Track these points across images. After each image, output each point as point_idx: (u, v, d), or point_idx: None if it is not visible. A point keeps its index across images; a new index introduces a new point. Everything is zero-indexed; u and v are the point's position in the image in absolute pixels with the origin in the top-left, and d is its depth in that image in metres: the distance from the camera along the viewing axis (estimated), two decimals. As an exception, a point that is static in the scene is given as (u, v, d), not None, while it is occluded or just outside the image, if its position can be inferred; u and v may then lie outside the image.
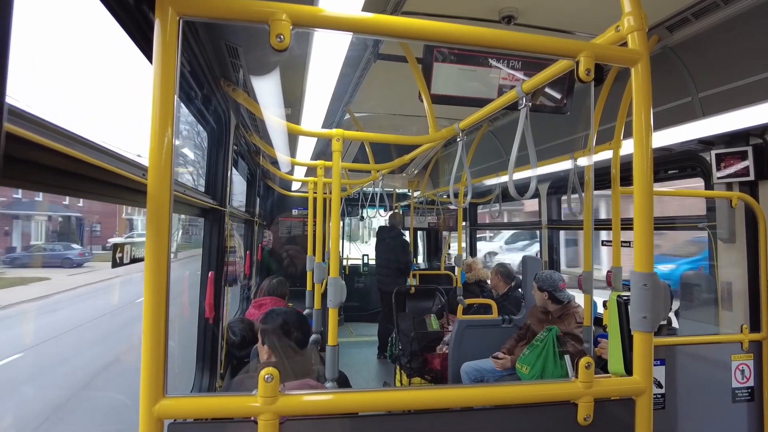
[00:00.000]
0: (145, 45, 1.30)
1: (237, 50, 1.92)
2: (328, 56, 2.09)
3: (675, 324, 3.13)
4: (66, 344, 6.63)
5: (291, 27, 0.95)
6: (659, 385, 2.22)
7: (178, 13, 0.93)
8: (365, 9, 1.66)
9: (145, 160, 1.03)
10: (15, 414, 4.53)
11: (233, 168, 2.89)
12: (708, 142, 2.68)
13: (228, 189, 2.67)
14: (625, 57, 1.12)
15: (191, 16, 0.96)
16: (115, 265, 1.28)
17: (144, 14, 1.22)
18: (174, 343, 0.96)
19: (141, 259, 1.34)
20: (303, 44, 1.92)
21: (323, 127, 3.29)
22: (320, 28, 1.01)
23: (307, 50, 1.99)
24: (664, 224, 3.45)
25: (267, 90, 2.41)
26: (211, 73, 2.05)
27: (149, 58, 1.17)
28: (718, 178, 2.62)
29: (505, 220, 13.16)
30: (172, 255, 0.95)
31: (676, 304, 3.10)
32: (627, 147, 2.61)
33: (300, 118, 3.05)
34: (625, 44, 1.15)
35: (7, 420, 4.42)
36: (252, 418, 0.97)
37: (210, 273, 2.50)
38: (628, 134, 2.62)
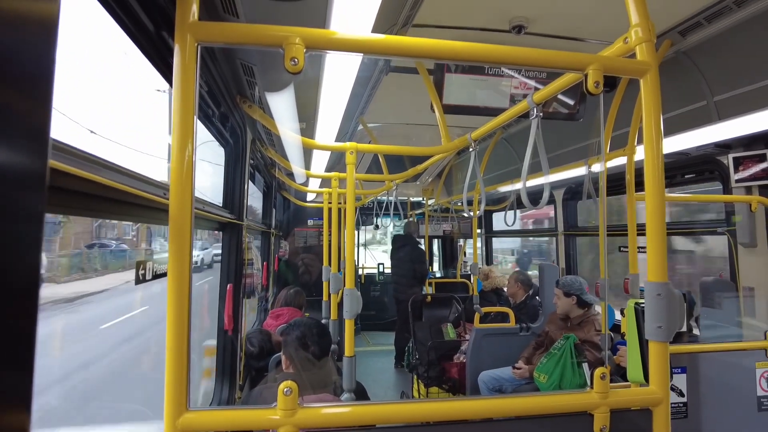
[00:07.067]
0: (165, 69, 1.34)
1: (252, 69, 1.97)
2: (341, 72, 2.13)
3: (696, 331, 3.07)
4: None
5: (305, 50, 0.98)
6: (681, 394, 2.18)
7: (197, 40, 0.97)
8: (377, 23, 1.69)
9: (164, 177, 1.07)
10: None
11: (250, 181, 2.93)
12: (725, 146, 2.65)
13: (245, 203, 2.71)
14: (634, 68, 1.13)
15: (209, 42, 1.00)
16: (138, 281, 1.32)
17: (164, 41, 1.27)
18: (194, 356, 0.99)
19: (163, 275, 1.38)
20: (316, 61, 1.96)
21: (337, 138, 3.33)
22: (333, 50, 1.04)
23: (320, 67, 2.03)
24: (682, 229, 3.40)
25: (282, 106, 2.46)
26: (228, 91, 2.11)
27: (169, 81, 1.22)
28: (737, 181, 2.59)
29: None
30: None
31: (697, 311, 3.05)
32: (641, 153, 2.59)
33: (314, 132, 3.10)
34: (633, 55, 1.16)
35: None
36: (272, 431, 1.00)
37: (228, 285, 2.54)
38: (642, 140, 2.61)
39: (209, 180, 2.84)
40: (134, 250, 11.90)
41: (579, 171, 3.45)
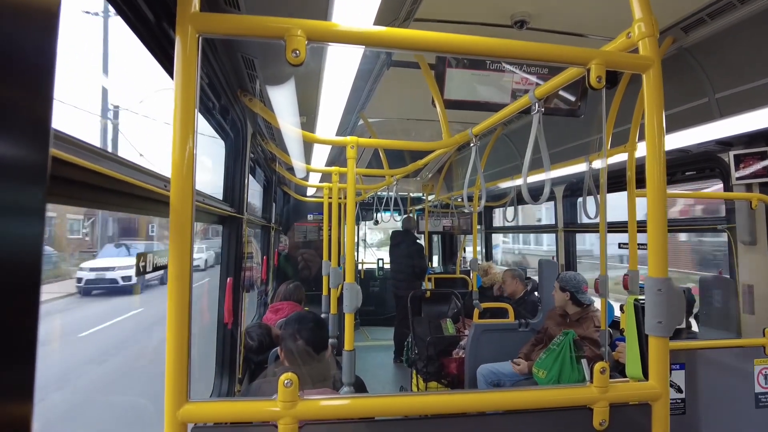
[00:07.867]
0: (166, 61, 1.34)
1: (253, 62, 1.97)
2: (342, 65, 2.13)
3: (695, 328, 3.08)
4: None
5: (306, 42, 0.97)
6: (679, 390, 2.18)
7: (198, 31, 0.97)
8: (378, 17, 1.69)
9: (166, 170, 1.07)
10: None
11: (250, 175, 2.93)
12: (726, 143, 2.65)
13: (245, 197, 2.71)
14: (637, 63, 1.13)
15: (210, 33, 0.99)
16: (138, 273, 1.33)
17: (165, 32, 1.27)
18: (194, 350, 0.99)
19: (163, 267, 1.38)
20: (317, 54, 1.96)
21: (338, 133, 3.32)
22: (335, 42, 1.03)
23: (321, 59, 2.03)
24: (682, 226, 3.40)
25: (282, 99, 2.45)
26: (229, 84, 2.10)
27: (170, 74, 1.21)
28: (737, 179, 2.59)
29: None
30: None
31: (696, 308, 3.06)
32: (642, 149, 2.59)
33: (315, 126, 3.09)
34: (636, 50, 1.15)
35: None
36: (272, 422, 1.00)
37: (228, 279, 2.54)
38: (643, 136, 2.60)
39: (208, 175, 2.83)
40: (71, 255, 8.62)
41: (579, 167, 3.44)
